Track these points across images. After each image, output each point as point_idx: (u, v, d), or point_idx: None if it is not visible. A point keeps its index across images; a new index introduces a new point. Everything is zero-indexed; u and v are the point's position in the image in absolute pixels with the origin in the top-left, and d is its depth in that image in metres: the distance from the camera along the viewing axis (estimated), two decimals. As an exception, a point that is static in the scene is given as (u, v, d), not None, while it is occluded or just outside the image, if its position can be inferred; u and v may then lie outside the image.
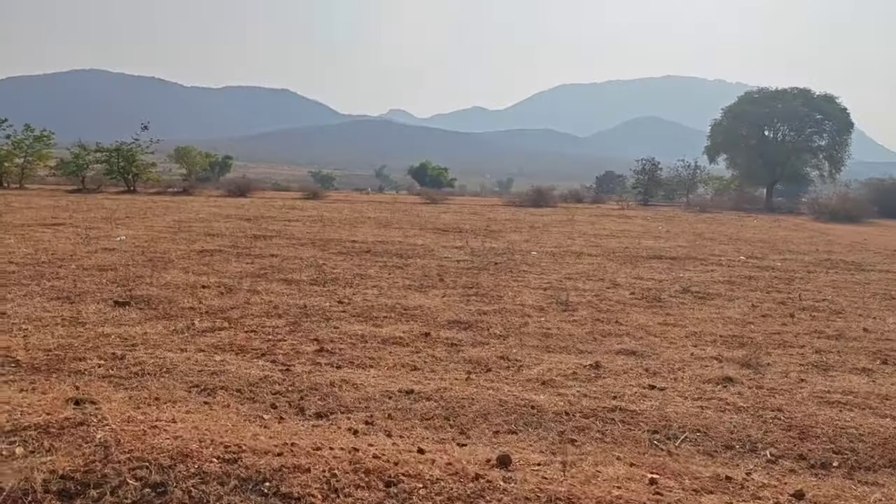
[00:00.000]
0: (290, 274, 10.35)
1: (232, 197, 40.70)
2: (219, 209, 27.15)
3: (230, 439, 3.19)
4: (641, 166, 58.76)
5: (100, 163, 44.13)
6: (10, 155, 42.35)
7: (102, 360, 5.42)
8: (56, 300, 7.76)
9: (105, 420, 3.21)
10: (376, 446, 3.62)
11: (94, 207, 25.38)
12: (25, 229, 16.04)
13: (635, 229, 24.13)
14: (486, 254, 14.00)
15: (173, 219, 20.84)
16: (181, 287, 8.81)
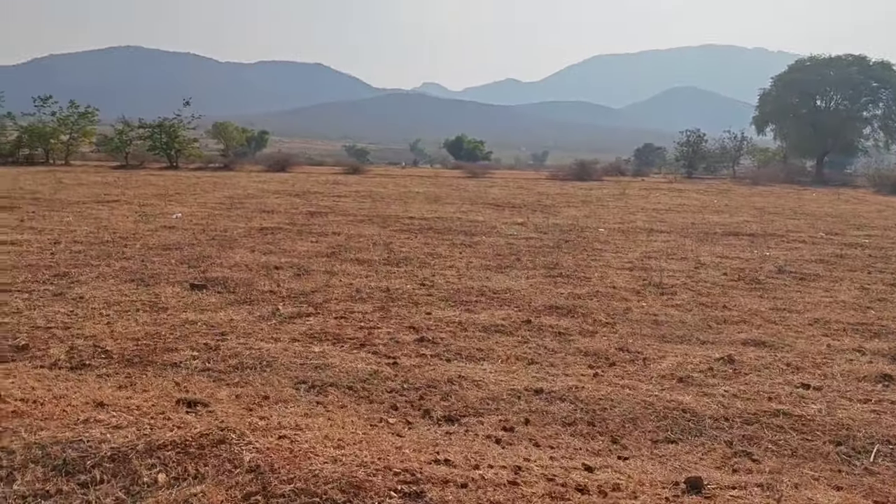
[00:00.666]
0: (359, 253, 9.93)
1: (273, 172, 40.57)
2: (264, 185, 26.92)
3: (395, 462, 2.75)
4: (686, 138, 57.25)
5: (143, 139, 44.26)
6: (56, 132, 42.62)
7: (195, 350, 5.04)
8: (130, 282, 7.44)
9: (245, 436, 2.80)
10: (535, 461, 3.16)
11: (142, 184, 25.34)
12: (82, 206, 15.90)
13: (691, 203, 23.29)
14: (552, 231, 13.43)
15: (223, 195, 20.62)
16: (253, 268, 8.44)
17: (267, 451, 2.67)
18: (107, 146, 44.11)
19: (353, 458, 2.72)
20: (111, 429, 2.87)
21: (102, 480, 2.45)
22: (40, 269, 8.08)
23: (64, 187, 21.81)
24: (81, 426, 2.90)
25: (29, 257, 8.81)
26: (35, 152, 41.54)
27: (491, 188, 29.22)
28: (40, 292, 6.85)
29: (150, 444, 2.69)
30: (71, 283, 7.28)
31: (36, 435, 2.76)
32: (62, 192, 19.67)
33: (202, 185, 25.71)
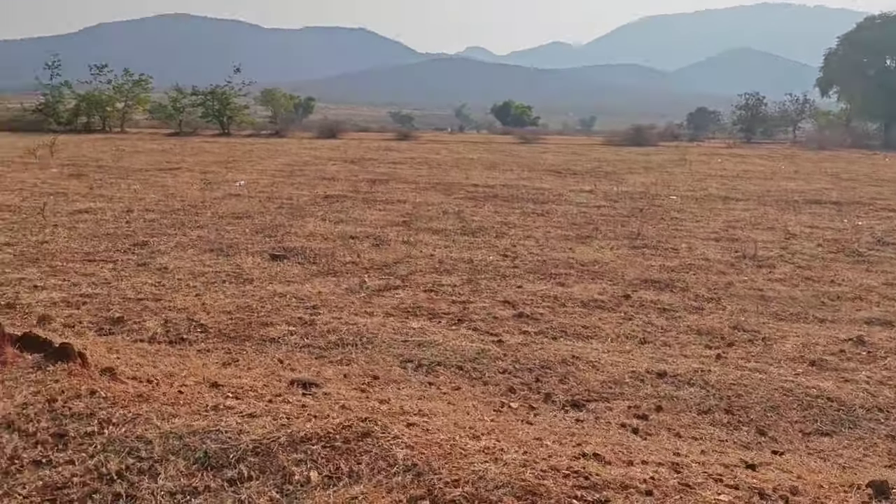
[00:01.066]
0: (432, 223, 9.69)
1: (323, 139, 40.54)
2: (317, 152, 26.85)
3: (542, 456, 2.50)
4: (745, 101, 55.21)
5: (195, 106, 44.59)
6: (112, 99, 43.15)
7: (291, 325, 4.88)
8: (209, 252, 7.34)
9: (388, 429, 2.59)
10: (687, 457, 2.88)
11: (199, 151, 25.50)
12: (146, 174, 16.00)
13: (758, 169, 22.36)
14: (623, 199, 12.98)
15: (280, 162, 20.57)
16: (329, 238, 8.27)
17: (418, 447, 2.46)
18: (160, 114, 44.60)
19: (511, 456, 2.48)
20: (245, 417, 2.69)
21: (251, 477, 2.27)
22: (119, 237, 8.05)
23: (124, 155, 22.06)
24: (213, 413, 2.73)
25: (106, 226, 8.80)
26: (92, 120, 42.21)
27: (545, 154, 28.64)
28: (124, 262, 6.80)
29: (291, 436, 2.49)
30: (152, 253, 7.22)
31: (169, 423, 2.60)
32: (124, 160, 19.88)
33: (257, 152, 25.78)
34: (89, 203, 10.85)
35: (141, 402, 2.80)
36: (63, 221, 9.00)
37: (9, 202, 10.64)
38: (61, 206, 10.49)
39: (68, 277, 6.12)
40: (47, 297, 5.47)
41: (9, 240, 7.71)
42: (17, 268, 6.43)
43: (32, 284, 5.84)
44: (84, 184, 13.68)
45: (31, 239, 7.79)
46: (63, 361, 3.11)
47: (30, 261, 6.71)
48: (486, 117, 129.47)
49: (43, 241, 7.67)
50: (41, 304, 5.30)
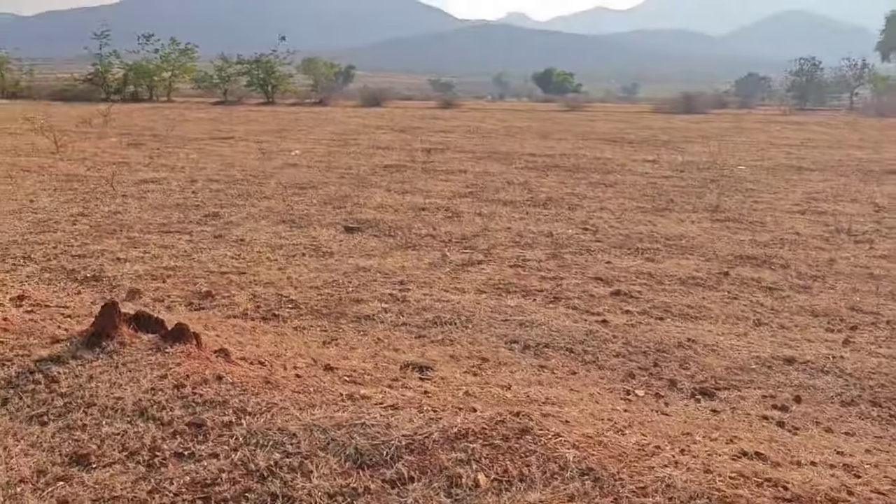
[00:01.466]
0: (499, 194, 9.42)
1: (367, 107, 40.31)
2: (364, 120, 26.63)
3: (700, 455, 2.28)
4: (799, 66, 53.21)
5: (241, 75, 44.66)
6: (159, 69, 43.40)
7: (383, 302, 4.72)
8: (282, 224, 7.21)
9: (543, 424, 2.40)
10: (854, 457, 2.64)
11: (247, 120, 25.50)
12: (200, 143, 15.99)
13: (821, 138, 21.46)
14: (689, 169, 12.52)
15: (330, 131, 20.43)
16: (399, 210, 8.08)
17: (585, 447, 2.26)
18: (206, 83, 44.75)
19: (683, 458, 2.27)
20: (388, 409, 2.52)
21: (412, 478, 2.10)
22: (189, 208, 7.98)
23: (176, 123, 22.16)
24: (350, 403, 2.57)
25: (173, 196, 8.75)
26: (139, 89, 42.58)
27: (594, 122, 27.98)
28: (199, 233, 6.71)
29: (444, 431, 2.32)
30: (226, 225, 7.12)
31: (309, 414, 2.44)
32: (177, 129, 19.94)
33: (304, 120, 25.68)
34: (153, 173, 10.83)
35: (270, 388, 2.65)
36: (131, 192, 8.98)
37: (75, 172, 10.69)
38: (126, 175, 10.49)
39: (147, 249, 6.05)
40: (131, 270, 5.39)
41: (82, 210, 7.69)
42: (95, 239, 6.39)
43: (115, 256, 5.78)
44: (143, 153, 13.71)
45: (104, 209, 7.76)
46: (180, 343, 2.99)
47: (107, 232, 6.66)
48: (525, 85, 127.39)
49: (115, 212, 7.63)
50: (126, 276, 5.23)
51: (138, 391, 2.61)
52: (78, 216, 7.38)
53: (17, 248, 5.98)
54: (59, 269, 5.44)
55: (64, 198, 8.42)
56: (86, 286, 5.00)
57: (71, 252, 5.91)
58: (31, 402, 2.60)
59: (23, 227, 6.77)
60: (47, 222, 7.07)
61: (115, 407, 2.51)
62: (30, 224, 6.96)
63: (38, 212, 7.57)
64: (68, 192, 8.81)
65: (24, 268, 5.45)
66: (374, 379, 3.10)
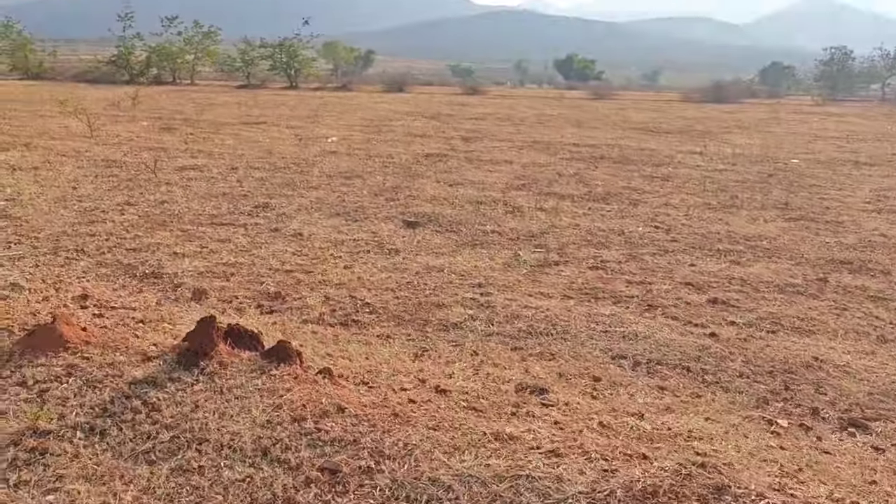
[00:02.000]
0: (552, 187, 9.04)
1: (391, 93, 39.90)
2: (391, 105, 26.27)
3: None
4: (830, 55, 52.12)
5: (264, 58, 44.34)
6: (182, 52, 43.14)
7: (467, 307, 4.38)
8: (337, 217, 6.88)
9: (738, 481, 2.05)
10: None
11: (274, 104, 25.18)
12: (233, 128, 15.70)
13: (864, 130, 20.83)
14: (742, 162, 12.05)
15: (360, 117, 20.06)
16: (455, 203, 7.73)
17: None
18: (229, 66, 44.46)
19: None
20: (551, 457, 2.19)
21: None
22: (236, 198, 7.67)
23: (205, 108, 21.90)
24: (500, 446, 2.23)
25: (217, 184, 8.44)
26: (162, 72, 42.38)
27: (625, 111, 27.41)
28: (254, 226, 6.39)
29: (628, 489, 1.96)
30: (279, 217, 6.80)
31: (458, 460, 2.11)
32: (207, 113, 19.68)
33: (332, 105, 25.32)
34: (191, 159, 10.54)
35: (400, 423, 2.32)
36: (174, 179, 8.68)
37: (113, 157, 10.42)
38: (164, 162, 10.21)
39: (204, 243, 5.74)
40: (191, 266, 5.09)
41: (128, 199, 7.40)
42: (147, 231, 6.09)
43: (171, 251, 5.47)
44: (177, 138, 13.44)
45: (150, 198, 7.47)
46: (284, 363, 2.67)
47: (158, 224, 6.36)
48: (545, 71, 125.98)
49: (162, 201, 7.34)
50: (187, 274, 4.93)
51: (254, 425, 2.29)
52: (125, 205, 7.09)
53: (68, 240, 5.70)
54: (114, 263, 5.15)
55: (107, 185, 8.14)
56: (146, 284, 4.70)
57: (125, 245, 5.62)
58: (132, 434, 2.29)
59: (70, 217, 6.49)
60: (94, 211, 6.78)
61: (232, 445, 2.19)
62: (77, 213, 6.68)
63: (83, 200, 7.29)
64: (110, 179, 8.53)
65: (78, 262, 5.16)
66: (492, 404, 2.77)
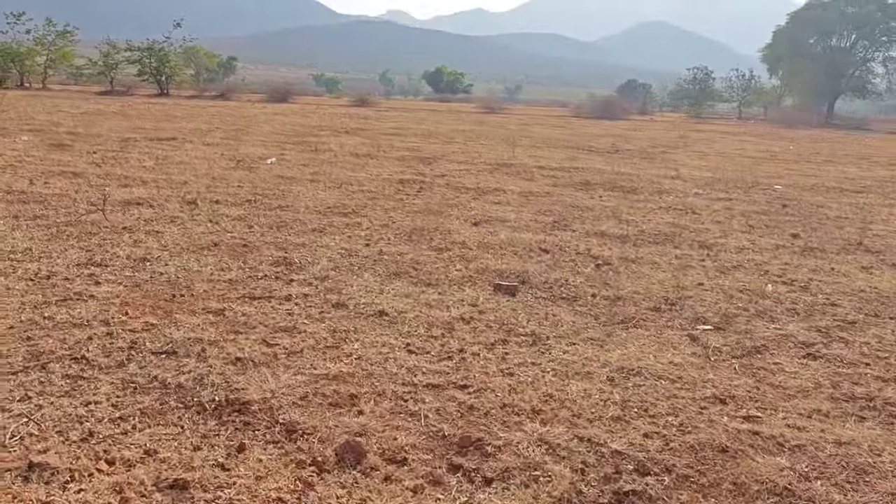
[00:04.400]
0: (592, 224, 7.78)
1: (275, 102, 37.47)
2: (293, 118, 24.24)
3: None
4: (692, 76, 55.31)
5: (131, 63, 40.47)
6: (32, 52, 38.36)
7: (754, 455, 2.97)
8: (398, 279, 5.20)
9: None
10: None
11: (163, 115, 22.38)
12: (140, 146, 13.26)
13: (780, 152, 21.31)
14: (730, 189, 11.44)
15: (272, 131, 17.98)
16: (518, 253, 6.26)
17: None
18: (89, 70, 40.07)
19: None
20: None
21: None
22: (237, 250, 5.77)
23: (82, 118, 18.84)
24: None
25: (194, 229, 6.44)
26: (8, 75, 37.41)
27: (531, 126, 26.90)
28: (303, 300, 4.61)
29: None
30: (322, 281, 5.01)
31: None
32: (94, 126, 16.82)
33: (222, 117, 22.84)
34: (125, 189, 8.34)
35: None
36: (129, 222, 6.58)
37: (19, 186, 8.02)
38: (89, 192, 7.97)
39: (261, 337, 3.89)
40: (281, 387, 3.30)
41: (89, 257, 5.30)
42: (161, 317, 4.16)
43: (224, 355, 3.63)
44: (81, 158, 10.97)
45: (121, 255, 5.40)
46: None
47: (165, 302, 4.42)
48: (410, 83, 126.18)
49: (143, 259, 5.32)
50: (285, 401, 3.16)
51: None
52: (90, 268, 5.01)
53: (44, 344, 3.71)
54: (147, 386, 3.29)
55: (43, 234, 5.94)
56: (225, 424, 2.93)
57: (143, 348, 3.71)
58: None
59: (28, 296, 4.40)
60: (54, 283, 4.68)
61: None
62: (32, 287, 4.57)
63: (25, 259, 5.13)
64: (41, 223, 6.31)
65: (76, 397, 3.25)
66: None
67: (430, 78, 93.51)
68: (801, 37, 54.63)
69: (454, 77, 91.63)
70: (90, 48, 40.53)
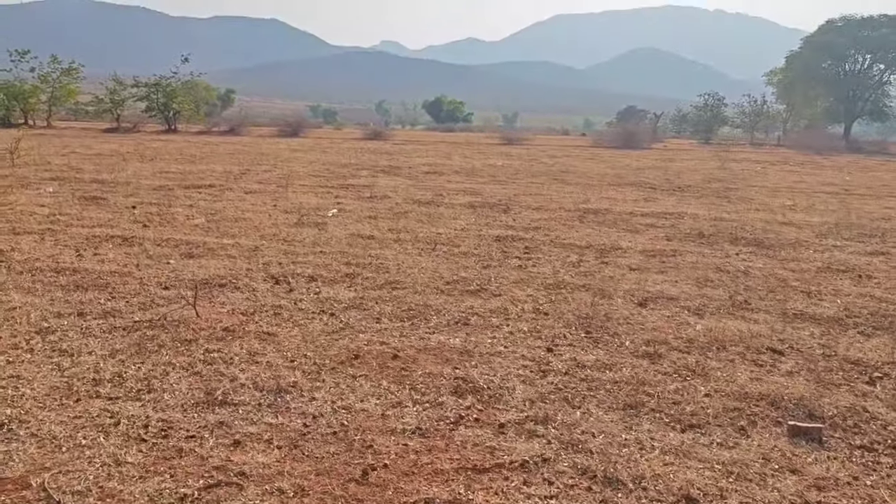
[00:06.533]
0: (766, 300, 6.35)
1: (287, 137, 36.30)
2: (317, 156, 22.96)
3: None
4: (704, 101, 54.40)
5: (139, 99, 39.37)
6: (37, 90, 37.20)
7: None
8: (623, 414, 3.73)
9: None
10: None
11: (184, 156, 21.01)
12: (176, 194, 11.84)
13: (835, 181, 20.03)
14: (861, 237, 10.04)
15: (306, 172, 16.60)
16: (723, 350, 4.83)
17: None
18: (95, 107, 38.84)
19: None
20: None
21: None
22: (386, 364, 4.31)
23: (100, 160, 17.45)
24: None
25: (312, 326, 4.97)
26: (12, 113, 36.21)
27: (563, 159, 25.52)
28: (542, 466, 3.15)
29: None
30: (543, 425, 3.56)
31: None
32: (119, 171, 15.41)
33: (244, 156, 21.51)
34: (196, 263, 6.87)
35: None
36: (229, 319, 5.10)
37: (65, 261, 6.54)
38: (156, 267, 6.51)
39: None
40: None
41: (205, 389, 3.82)
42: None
43: None
44: (123, 216, 9.53)
45: (245, 383, 3.92)
46: None
47: (348, 497, 2.95)
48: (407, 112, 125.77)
49: (279, 390, 3.84)
50: None
51: None
52: (221, 424, 3.53)
53: None
54: None
55: (124, 344, 4.45)
56: None
57: None
58: None
59: (158, 486, 2.92)
60: (168, 438, 3.22)
61: None
62: (146, 461, 3.10)
63: (124, 402, 3.66)
64: (116, 328, 4.81)
65: None
66: None
67: (430, 107, 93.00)
68: (814, 61, 53.92)
69: (454, 106, 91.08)
70: (92, 84, 39.39)
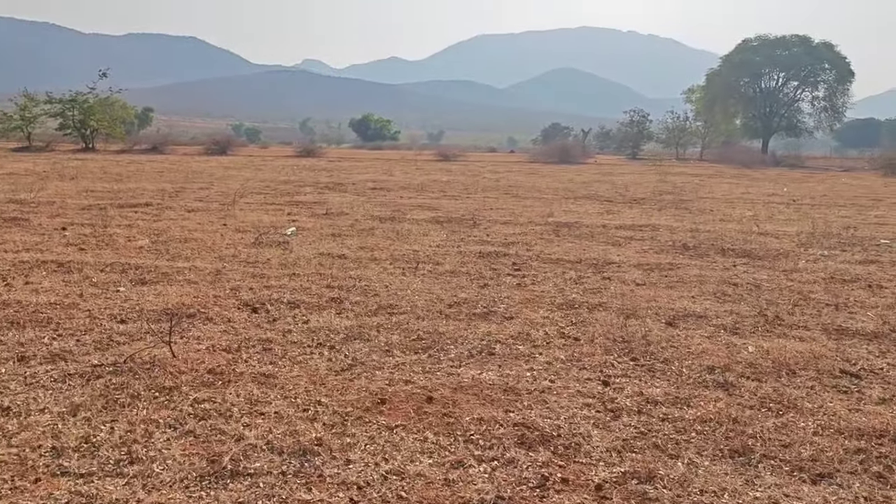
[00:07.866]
0: (795, 314, 5.88)
1: (215, 155, 34.79)
2: (254, 174, 21.78)
3: None
4: (630, 118, 55.50)
5: (53, 116, 37.04)
6: (-66, 107, 34.46)
7: None
8: (720, 463, 3.10)
9: None
10: None
11: (107, 175, 19.54)
12: (108, 214, 10.67)
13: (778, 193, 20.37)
14: (840, 245, 9.86)
15: (249, 189, 15.54)
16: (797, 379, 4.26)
17: None
18: (5, 125, 36.29)
19: None
20: None
21: None
22: (421, 409, 3.52)
23: (19, 182, 15.87)
24: None
25: (316, 364, 4.12)
26: None
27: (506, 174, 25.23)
28: None
29: None
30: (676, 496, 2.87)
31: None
32: (40, 191, 13.97)
33: (174, 173, 20.22)
34: (154, 290, 5.86)
35: None
36: (211, 360, 4.17)
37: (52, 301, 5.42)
38: (104, 298, 5.49)
39: None
40: None
41: (210, 461, 2.95)
42: None
43: None
44: (52, 239, 8.34)
45: (260, 446, 3.04)
46: None
47: None
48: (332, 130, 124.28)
49: (302, 451, 2.99)
50: None
51: None
52: None
53: None
54: None
55: (87, 400, 3.49)
56: None
57: None
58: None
59: None
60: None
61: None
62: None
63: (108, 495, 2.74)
64: (72, 376, 3.82)
65: None
66: None
67: (357, 125, 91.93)
68: (733, 79, 55.95)
69: (381, 124, 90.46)
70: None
